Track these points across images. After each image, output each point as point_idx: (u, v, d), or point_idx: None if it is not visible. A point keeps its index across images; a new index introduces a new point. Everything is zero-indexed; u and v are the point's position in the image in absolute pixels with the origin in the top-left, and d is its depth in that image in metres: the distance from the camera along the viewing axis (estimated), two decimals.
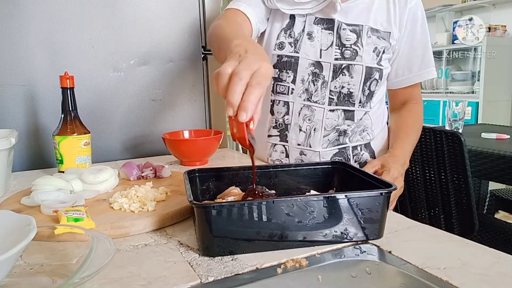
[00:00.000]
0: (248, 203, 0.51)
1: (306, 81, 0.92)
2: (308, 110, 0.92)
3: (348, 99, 0.91)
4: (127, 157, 1.19)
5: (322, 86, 0.91)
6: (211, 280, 0.46)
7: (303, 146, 0.94)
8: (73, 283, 0.38)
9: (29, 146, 1.07)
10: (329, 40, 0.91)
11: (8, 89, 1.03)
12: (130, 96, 1.18)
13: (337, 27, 0.90)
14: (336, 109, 0.92)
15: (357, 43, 0.89)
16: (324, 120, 0.92)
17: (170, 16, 1.21)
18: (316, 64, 0.91)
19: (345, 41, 0.90)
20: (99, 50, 1.12)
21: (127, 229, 0.60)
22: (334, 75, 0.90)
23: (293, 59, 0.92)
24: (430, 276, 0.47)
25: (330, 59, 0.90)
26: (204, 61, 1.29)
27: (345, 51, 0.90)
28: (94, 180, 0.76)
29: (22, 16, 1.02)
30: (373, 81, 0.91)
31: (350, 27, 0.90)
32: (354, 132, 0.94)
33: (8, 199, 0.73)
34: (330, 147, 0.94)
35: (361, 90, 0.91)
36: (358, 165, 0.96)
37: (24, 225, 0.44)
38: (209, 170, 0.69)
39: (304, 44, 0.91)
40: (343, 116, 0.92)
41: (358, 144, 0.96)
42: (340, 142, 0.94)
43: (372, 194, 0.54)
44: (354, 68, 0.89)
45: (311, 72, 0.91)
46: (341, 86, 0.91)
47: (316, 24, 0.91)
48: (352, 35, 0.90)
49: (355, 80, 0.90)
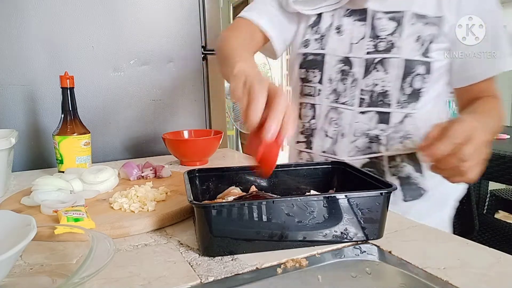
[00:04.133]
0: (248, 203, 0.51)
1: (334, 81, 0.81)
2: (335, 113, 0.81)
3: (383, 99, 0.78)
4: (127, 157, 1.19)
5: (352, 85, 0.80)
6: (211, 280, 0.46)
7: (328, 153, 0.83)
8: (73, 283, 0.38)
9: (29, 146, 1.07)
10: (361, 32, 0.79)
11: (8, 89, 1.03)
12: (130, 96, 1.18)
13: (371, 17, 0.78)
14: (367, 110, 0.79)
15: (395, 33, 0.76)
16: (353, 123, 0.80)
17: (170, 16, 1.21)
18: (345, 60, 0.80)
19: (380, 32, 0.77)
20: (99, 50, 1.12)
21: (127, 229, 0.60)
22: (365, 72, 0.78)
23: (319, 56, 0.82)
24: (430, 276, 0.47)
25: (361, 54, 0.78)
26: (204, 61, 1.29)
27: (379, 43, 0.77)
28: (94, 180, 0.76)
29: (22, 16, 1.02)
30: (417, 77, 0.76)
31: (388, 15, 0.77)
32: (391, 138, 0.79)
33: (8, 199, 0.73)
34: (358, 156, 0.81)
35: (399, 87, 0.77)
36: (398, 180, 0.80)
37: (24, 225, 0.44)
38: (209, 170, 0.69)
39: (332, 39, 0.81)
40: (376, 119, 0.79)
41: (397, 153, 0.80)
42: (372, 151, 0.80)
43: (372, 194, 0.54)
44: (389, 62, 0.76)
45: (340, 70, 0.81)
46: (373, 84, 0.78)
47: (347, 17, 0.81)
48: (389, 24, 0.77)
49: (391, 76, 0.76)
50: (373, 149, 0.80)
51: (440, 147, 0.56)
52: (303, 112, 0.87)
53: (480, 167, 0.60)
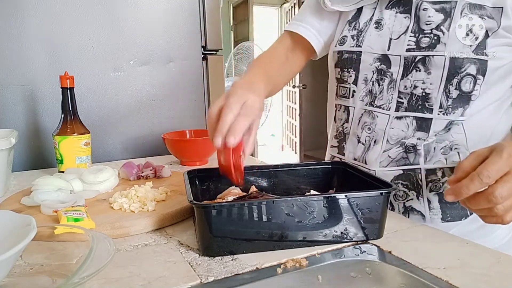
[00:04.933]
0: (248, 203, 0.51)
1: (369, 81, 0.73)
2: (369, 117, 0.73)
3: (423, 102, 0.68)
4: (127, 157, 1.19)
5: (389, 86, 0.71)
6: (211, 280, 0.46)
7: (359, 161, 0.75)
8: (73, 283, 0.38)
9: (29, 146, 1.07)
10: (403, 25, 0.70)
11: (8, 89, 1.03)
12: (130, 96, 1.18)
13: (415, 8, 0.69)
14: (405, 115, 0.69)
15: (441, 26, 0.66)
16: (388, 130, 0.71)
17: (170, 16, 1.21)
18: (383, 58, 0.71)
19: (425, 26, 0.68)
20: (99, 50, 1.12)
21: (127, 229, 0.60)
22: (405, 72, 0.69)
23: (354, 54, 0.75)
24: (430, 276, 0.47)
25: (401, 51, 0.69)
26: (204, 61, 1.29)
27: (422, 39, 0.67)
28: (94, 180, 0.76)
29: (22, 16, 1.02)
30: (466, 78, 0.65)
31: (437, 5, 0.67)
32: (432, 149, 0.69)
33: (8, 199, 0.73)
34: (391, 167, 0.72)
35: (442, 90, 0.66)
36: (437, 196, 0.70)
37: (24, 225, 0.44)
38: (209, 170, 0.69)
39: (369, 36, 0.73)
40: (414, 126, 0.69)
41: (438, 167, 0.69)
42: (409, 162, 0.70)
43: (372, 194, 0.54)
44: (432, 61, 0.66)
45: (376, 69, 0.72)
46: (413, 86, 0.68)
47: (389, 9, 0.72)
48: (436, 16, 0.67)
49: (434, 76, 0.66)
50: (409, 160, 0.70)
51: (469, 186, 0.50)
52: (338, 115, 0.81)
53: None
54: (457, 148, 0.68)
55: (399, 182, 0.72)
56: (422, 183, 0.70)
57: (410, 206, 0.72)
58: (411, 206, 0.72)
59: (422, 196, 0.71)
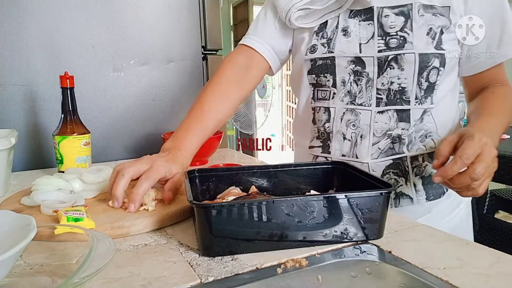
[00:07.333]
0: (248, 203, 0.51)
1: (347, 82, 0.78)
2: (352, 115, 0.78)
3: (401, 96, 0.75)
4: (127, 157, 1.19)
5: (367, 85, 0.77)
6: (211, 280, 0.46)
7: (348, 156, 0.80)
8: (73, 283, 0.38)
9: (29, 146, 1.07)
10: (369, 32, 0.76)
11: (8, 89, 1.03)
12: (130, 96, 1.18)
13: (377, 15, 0.75)
14: (386, 109, 0.76)
15: (405, 28, 0.73)
16: (372, 124, 0.77)
17: (170, 16, 1.21)
18: (356, 60, 0.77)
19: (389, 29, 0.74)
20: (99, 50, 1.12)
21: (127, 229, 0.60)
22: (380, 70, 0.75)
23: (328, 60, 0.79)
24: (430, 276, 0.47)
25: (372, 52, 0.75)
26: (204, 61, 1.29)
27: (390, 40, 0.74)
28: (94, 180, 0.76)
29: (22, 16, 1.02)
30: (432, 70, 0.74)
31: (395, 9, 0.74)
32: (413, 138, 0.77)
33: (8, 199, 0.73)
34: (382, 158, 0.78)
35: (416, 83, 0.74)
36: (420, 179, 0.79)
37: (24, 225, 0.44)
38: (209, 170, 0.69)
39: (339, 42, 0.78)
40: (395, 118, 0.76)
41: (419, 153, 0.78)
42: (396, 152, 0.77)
43: (372, 194, 0.54)
44: (404, 58, 0.73)
45: (352, 71, 0.77)
46: (389, 82, 0.75)
47: (352, 18, 0.78)
48: (398, 20, 0.74)
49: (407, 72, 0.73)
50: (397, 150, 0.77)
51: (453, 168, 0.58)
52: (317, 117, 0.85)
53: (489, 181, 0.62)
54: (431, 135, 0.78)
55: (390, 171, 0.79)
56: (408, 169, 0.79)
57: (400, 191, 0.80)
58: (401, 191, 0.80)
59: (409, 181, 0.79)
